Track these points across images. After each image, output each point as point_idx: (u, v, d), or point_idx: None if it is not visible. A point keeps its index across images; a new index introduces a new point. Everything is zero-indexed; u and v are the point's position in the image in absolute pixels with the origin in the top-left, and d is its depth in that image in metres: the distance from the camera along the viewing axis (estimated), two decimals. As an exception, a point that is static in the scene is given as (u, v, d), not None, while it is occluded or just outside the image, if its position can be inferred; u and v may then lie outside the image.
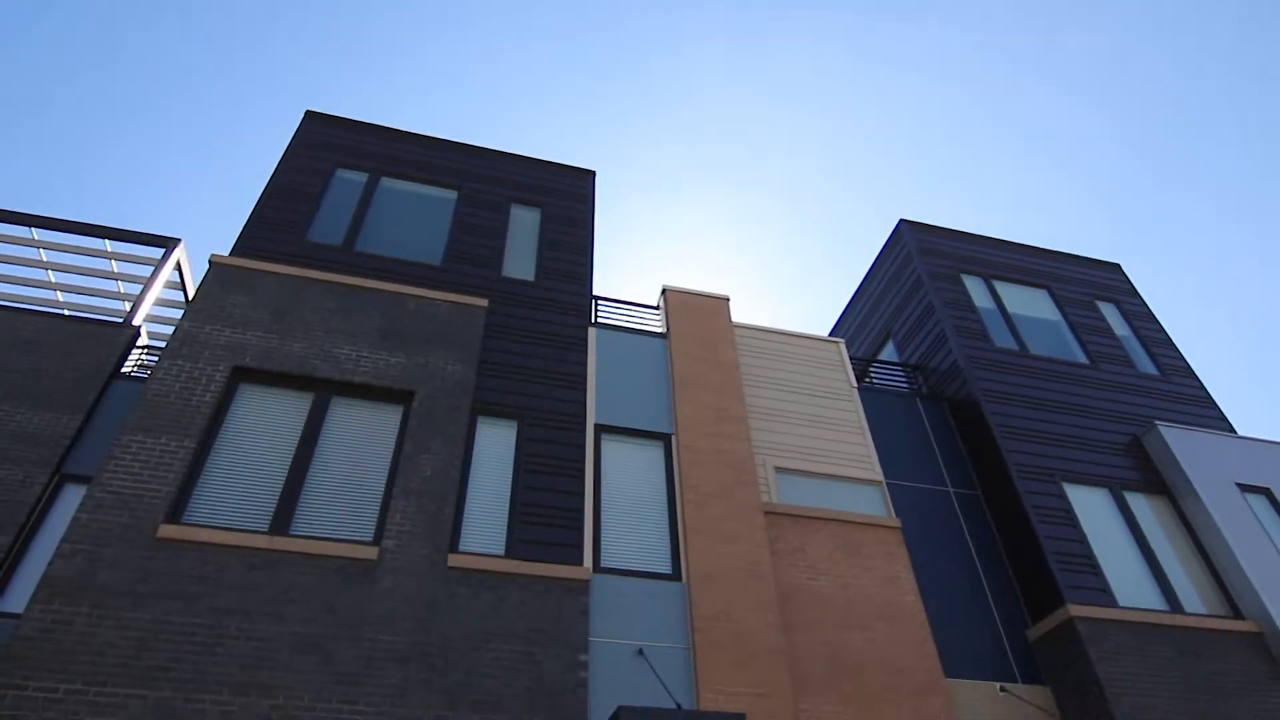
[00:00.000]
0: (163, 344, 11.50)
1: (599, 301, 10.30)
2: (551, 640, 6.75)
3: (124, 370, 9.71)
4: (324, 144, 10.76)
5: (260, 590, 6.40)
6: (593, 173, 11.76)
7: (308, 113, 11.15)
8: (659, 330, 10.17)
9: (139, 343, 10.11)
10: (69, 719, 5.51)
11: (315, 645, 6.22)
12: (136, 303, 10.31)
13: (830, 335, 12.34)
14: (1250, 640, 8.59)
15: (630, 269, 55.92)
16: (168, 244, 11.19)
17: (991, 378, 10.66)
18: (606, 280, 60.89)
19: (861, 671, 7.61)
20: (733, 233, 51.48)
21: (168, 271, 11.06)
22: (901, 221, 13.24)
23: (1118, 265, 14.00)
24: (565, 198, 11.23)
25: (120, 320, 10.07)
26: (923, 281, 12.20)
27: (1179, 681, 8.00)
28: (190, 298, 12.18)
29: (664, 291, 10.52)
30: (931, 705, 7.54)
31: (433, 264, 9.63)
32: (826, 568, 8.33)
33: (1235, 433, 11.06)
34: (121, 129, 42.75)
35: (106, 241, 11.08)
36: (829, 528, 8.68)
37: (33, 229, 11.00)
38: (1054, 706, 8.16)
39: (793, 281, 52.23)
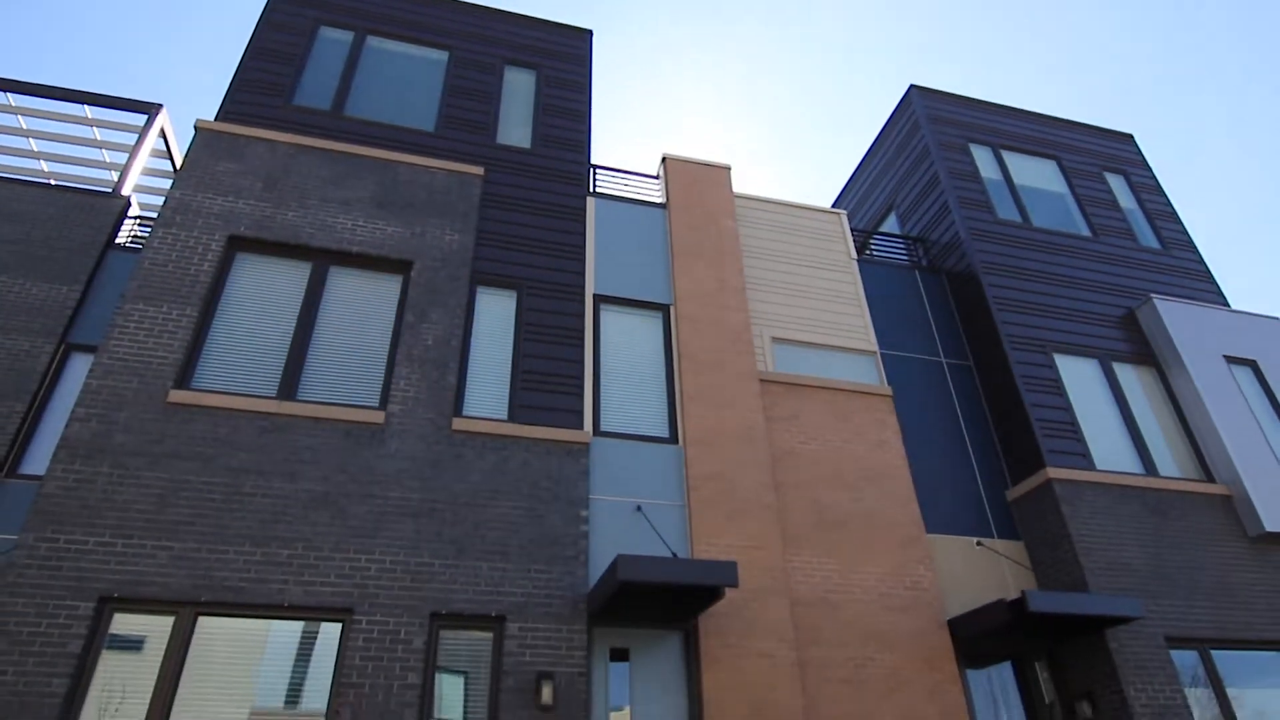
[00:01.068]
0: (154, 214, 11.34)
1: (597, 170, 10.09)
2: (554, 497, 7.09)
3: (118, 241, 9.64)
4: None
5: (272, 451, 6.65)
6: (589, 32, 11.21)
7: (285, -35, 10.47)
8: (658, 200, 10.03)
9: (130, 213, 9.98)
10: (101, 568, 5.86)
11: (329, 501, 6.54)
12: (124, 172, 10.10)
13: (833, 207, 12.15)
14: (1219, 502, 9.03)
15: (628, 140, 54.24)
16: (150, 109, 10.83)
17: (991, 250, 10.63)
18: (604, 152, 59.18)
19: (847, 527, 8.04)
20: (736, 101, 49.59)
21: (152, 139, 10.77)
22: (912, 87, 12.76)
23: (1130, 136, 13.63)
24: (561, 60, 10.76)
25: (109, 190, 9.90)
26: (929, 151, 11.92)
27: (1147, 538, 8.48)
28: (178, 166, 11.91)
29: (664, 160, 10.29)
30: (911, 556, 8.03)
31: (425, 130, 9.35)
32: (818, 433, 8.62)
33: (1228, 306, 11.16)
34: (87, -13, 40.15)
35: (86, 107, 10.71)
36: (822, 395, 8.91)
37: (8, 94, 10.61)
38: (1026, 559, 8.69)
39: (796, 153, 50.87)
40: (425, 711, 5.98)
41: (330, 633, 6.13)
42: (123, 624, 5.82)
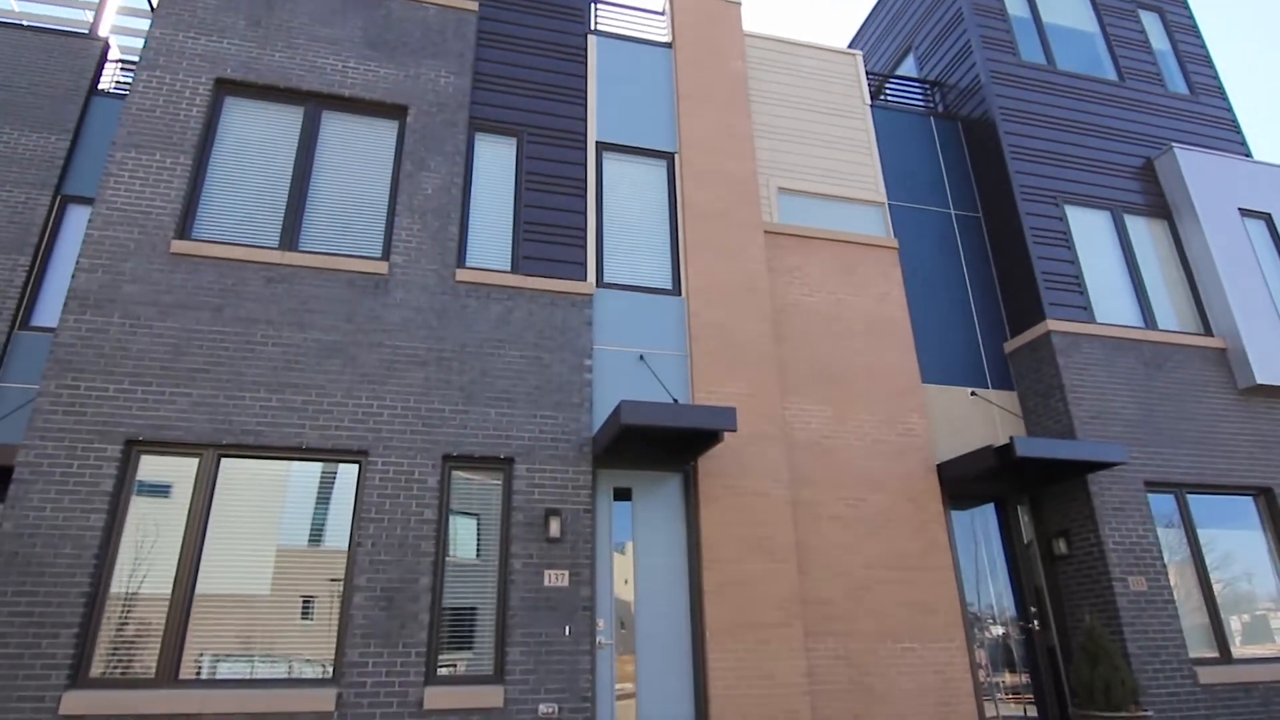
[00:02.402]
0: (136, 59, 10.82)
1: (598, 5, 9.48)
2: (558, 347, 7.23)
3: (101, 87, 9.27)
4: None
5: (279, 301, 6.73)
6: None
7: None
8: (664, 39, 9.50)
9: (110, 57, 9.53)
10: (123, 413, 6.09)
11: (339, 350, 6.69)
12: (98, 9, 9.55)
13: (848, 48, 11.46)
14: (1213, 355, 9.15)
15: (632, -21, 50.42)
16: (117, -62, 10.06)
17: (1011, 95, 10.16)
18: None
19: (845, 377, 8.23)
20: (747, -66, 45.68)
21: (124, -27, 10.09)
22: (938, -88, 11.72)
23: (1171, -33, 12.64)
24: (557, -121, 9.83)
25: (86, 32, 9.40)
26: (954, -16, 11.13)
27: (1138, 388, 8.67)
28: (155, 4, 11.23)
29: (669, -6, 9.64)
30: (906, 405, 8.27)
31: (414, -39, 8.71)
32: (821, 285, 8.63)
33: (1250, 156, 10.80)
34: None
35: (49, -65, 9.95)
36: (827, 247, 8.85)
37: (-36, -80, 9.84)
38: (1018, 408, 8.93)
39: (811, -6, 47.43)
40: (442, 543, 6.41)
41: (348, 474, 6.46)
42: (150, 468, 6.12)
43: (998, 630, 7.94)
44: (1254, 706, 7.51)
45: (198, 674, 5.70)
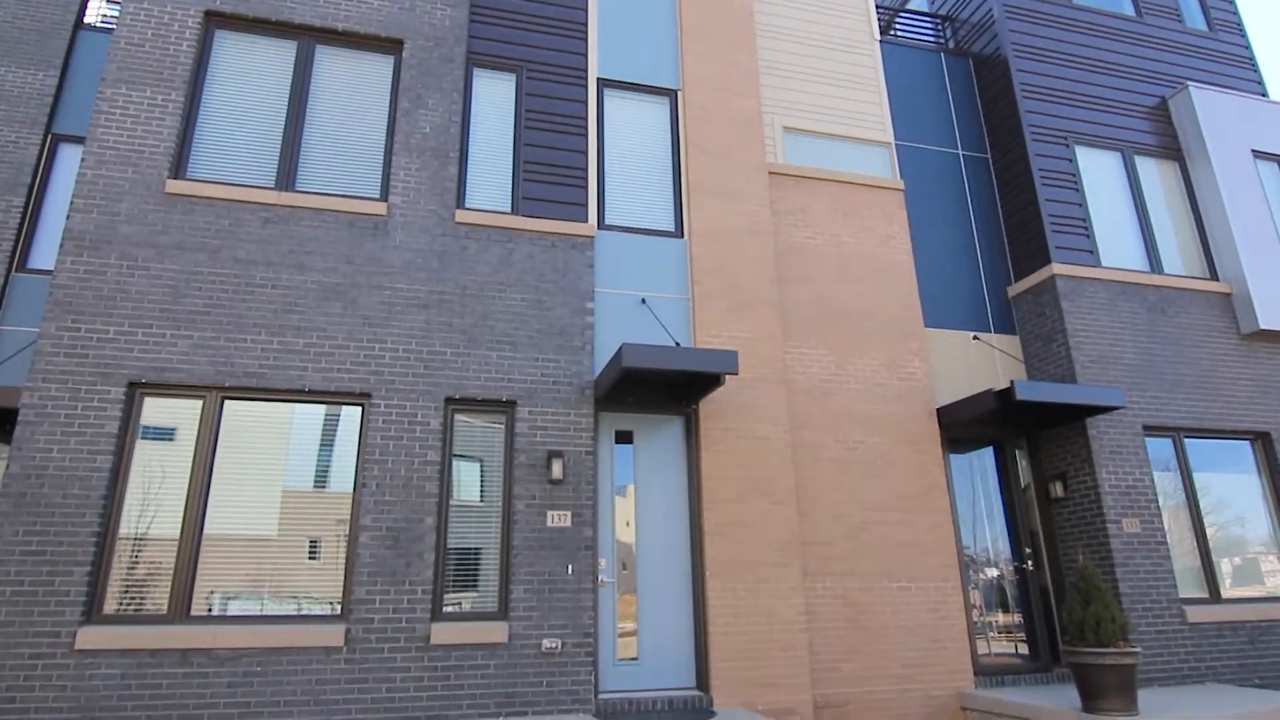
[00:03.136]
0: (121, -10, 10.46)
1: (599, -66, 9.12)
2: (559, 290, 7.18)
3: (87, 21, 9.00)
4: None
5: (277, 243, 6.65)
6: None
7: None
8: (666, -28, 9.16)
9: (95, -12, 9.21)
10: (125, 355, 6.08)
11: (339, 293, 6.64)
12: (80, -63, 9.18)
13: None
14: (1218, 300, 9.10)
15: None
16: None
17: (1025, 30, 9.86)
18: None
19: (847, 321, 8.20)
20: None
21: (105, -102, 9.67)
22: None
23: (1196, -105, 12.13)
24: None
25: (67, -40, 9.06)
26: (968, -87, 10.70)
27: (1141, 333, 8.65)
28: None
29: (672, -77, 9.26)
30: (907, 349, 8.26)
31: (407, -114, 8.35)
32: (826, 227, 8.53)
33: (1266, 96, 10.55)
34: None
35: None
36: (832, 189, 8.71)
37: None
38: (1020, 353, 8.93)
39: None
40: (445, 484, 6.48)
41: (351, 416, 6.48)
42: (153, 410, 6.14)
43: (992, 571, 8.09)
44: (1240, 644, 7.70)
45: (209, 611, 5.83)
